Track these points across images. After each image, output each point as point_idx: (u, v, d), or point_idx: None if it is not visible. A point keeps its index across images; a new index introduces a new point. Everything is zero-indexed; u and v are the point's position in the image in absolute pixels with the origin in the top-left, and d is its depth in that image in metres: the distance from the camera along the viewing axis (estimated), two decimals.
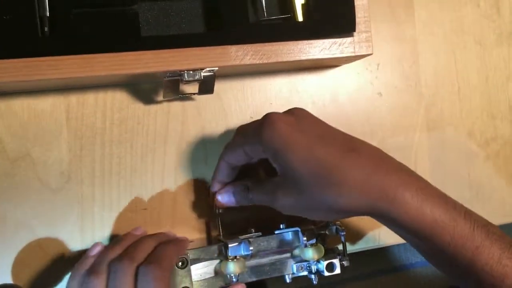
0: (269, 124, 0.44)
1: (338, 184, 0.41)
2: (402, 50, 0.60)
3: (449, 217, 0.42)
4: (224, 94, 0.54)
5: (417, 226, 0.42)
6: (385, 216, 0.42)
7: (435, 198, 0.42)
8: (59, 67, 0.42)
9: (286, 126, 0.44)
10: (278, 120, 0.44)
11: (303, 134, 0.44)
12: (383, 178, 0.42)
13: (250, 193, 0.48)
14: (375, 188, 0.41)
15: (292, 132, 0.43)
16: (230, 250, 0.49)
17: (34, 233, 0.49)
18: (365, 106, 0.59)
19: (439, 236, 0.42)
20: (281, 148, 0.43)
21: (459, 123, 0.62)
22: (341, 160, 0.42)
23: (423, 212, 0.41)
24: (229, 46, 0.46)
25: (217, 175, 0.50)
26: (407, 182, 0.42)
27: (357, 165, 0.42)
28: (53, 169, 0.49)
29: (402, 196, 0.41)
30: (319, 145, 0.43)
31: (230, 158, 0.48)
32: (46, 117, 0.49)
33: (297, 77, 0.56)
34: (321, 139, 0.44)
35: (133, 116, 0.51)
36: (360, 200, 0.42)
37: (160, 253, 0.44)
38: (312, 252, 0.51)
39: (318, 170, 0.42)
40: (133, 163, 0.51)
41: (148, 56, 0.44)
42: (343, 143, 0.44)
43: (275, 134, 0.43)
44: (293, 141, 0.43)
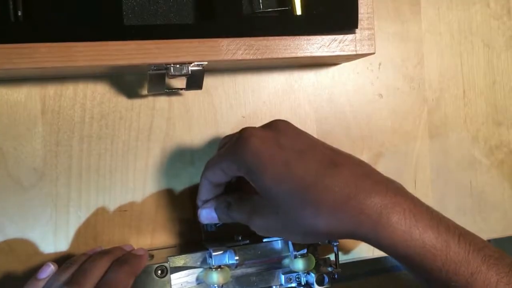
0: (243, 140, 0.40)
1: (316, 204, 0.38)
2: (406, 50, 0.56)
3: (441, 241, 0.38)
4: (214, 90, 0.50)
5: (404, 252, 0.38)
6: (369, 240, 0.38)
7: (425, 220, 0.38)
8: (33, 55, 0.39)
9: (261, 142, 0.40)
10: (252, 136, 0.40)
11: (280, 150, 0.40)
12: (365, 198, 0.38)
13: (229, 211, 0.44)
14: (356, 209, 0.37)
15: (268, 148, 0.40)
16: (214, 258, 0.45)
17: (4, 233, 0.46)
18: (365, 108, 0.55)
19: (429, 262, 0.38)
20: (255, 165, 0.39)
21: (462, 129, 0.58)
22: (320, 177, 0.38)
23: (411, 236, 0.37)
24: (220, 39, 0.42)
25: (200, 194, 0.46)
26: (393, 203, 0.38)
27: (338, 183, 0.38)
28: (26, 165, 0.46)
29: (387, 219, 0.37)
30: (297, 161, 0.39)
31: (210, 176, 0.44)
32: (19, 108, 0.46)
33: (293, 74, 0.53)
34: (300, 155, 0.40)
35: (114, 110, 0.48)
36: (339, 222, 0.38)
37: (111, 279, 0.40)
38: (302, 263, 0.48)
39: (294, 189, 0.38)
40: (113, 161, 0.48)
41: (132, 46, 0.41)
42: (324, 158, 0.40)
43: (249, 151, 0.40)
44: (267, 158, 0.39)
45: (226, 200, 0.45)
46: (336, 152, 0.41)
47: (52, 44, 0.39)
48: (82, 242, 0.47)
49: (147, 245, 0.49)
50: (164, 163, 0.49)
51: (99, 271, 0.41)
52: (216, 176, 0.43)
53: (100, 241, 0.48)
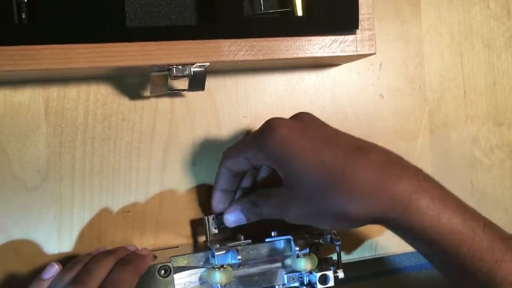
0: (271, 130, 0.41)
1: (347, 191, 0.39)
2: (407, 51, 0.57)
3: (468, 228, 0.39)
4: (216, 91, 0.51)
5: (432, 237, 0.39)
6: (398, 225, 0.39)
7: (453, 206, 0.39)
8: (36, 57, 0.39)
9: (290, 132, 0.41)
10: (280, 126, 0.41)
11: (308, 140, 0.41)
12: (395, 184, 0.39)
13: (258, 209, 0.45)
14: (386, 195, 0.38)
15: (297, 138, 0.41)
16: (217, 258, 0.46)
17: (8, 234, 0.46)
18: (366, 108, 0.55)
19: (456, 247, 0.39)
20: (285, 155, 0.40)
21: (463, 129, 0.59)
22: (349, 165, 0.39)
23: (440, 221, 0.38)
24: (222, 40, 0.43)
25: (218, 183, 0.47)
26: (422, 189, 0.39)
27: (367, 170, 0.39)
28: (30, 166, 0.46)
29: (416, 204, 0.38)
30: (326, 150, 0.40)
31: (231, 164, 0.45)
32: (23, 110, 0.46)
33: (294, 75, 0.53)
34: (328, 144, 0.41)
35: (117, 112, 0.48)
36: (370, 207, 0.39)
37: (116, 279, 0.41)
38: (304, 262, 0.48)
39: (325, 177, 0.39)
40: (116, 162, 0.48)
41: (134, 48, 0.41)
42: (351, 146, 0.41)
43: (278, 141, 0.41)
44: (297, 148, 0.40)
45: (251, 200, 0.46)
46: (361, 140, 0.43)
47: (55, 46, 0.39)
48: (85, 242, 0.48)
49: (150, 245, 0.49)
50: (166, 164, 0.49)
51: (103, 271, 0.41)
52: (238, 164, 0.44)
53: (103, 241, 0.48)
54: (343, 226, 0.42)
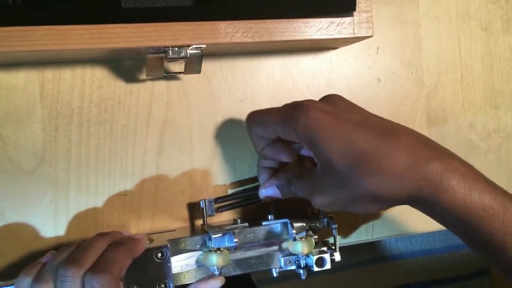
0: (304, 111, 0.42)
1: (379, 172, 0.39)
2: (404, 34, 0.56)
3: (499, 203, 0.40)
4: (213, 74, 0.50)
5: (465, 213, 0.39)
6: (430, 204, 0.40)
7: (482, 183, 0.40)
8: (30, 38, 0.39)
9: (323, 114, 0.42)
10: (313, 108, 0.42)
11: (340, 122, 0.41)
12: (426, 164, 0.39)
13: (292, 186, 0.46)
14: (418, 175, 0.39)
15: (329, 120, 0.41)
16: (213, 241, 0.46)
17: (4, 217, 0.46)
18: (363, 92, 0.55)
19: (488, 223, 0.39)
20: (318, 137, 0.41)
21: (460, 113, 0.59)
22: (381, 146, 0.40)
23: (471, 199, 0.39)
24: (219, 22, 0.42)
25: (255, 147, 0.47)
26: (452, 168, 0.40)
27: (398, 151, 0.40)
28: (25, 149, 0.46)
29: (447, 182, 0.39)
30: (357, 132, 0.41)
31: (258, 131, 0.46)
32: (18, 93, 0.46)
33: (291, 58, 0.53)
34: (359, 126, 0.41)
35: (113, 95, 0.48)
36: (402, 188, 0.39)
37: (109, 258, 0.41)
38: (301, 245, 0.48)
39: (358, 158, 0.40)
40: (113, 145, 0.48)
41: (130, 29, 0.40)
42: (382, 128, 0.42)
43: (311, 122, 0.41)
44: (329, 130, 0.41)
45: (286, 178, 0.47)
46: (390, 122, 0.44)
47: (50, 27, 0.39)
48: (82, 226, 0.47)
49: (147, 229, 0.49)
50: (163, 147, 0.49)
51: (97, 251, 0.41)
52: (265, 133, 0.45)
53: (100, 225, 0.48)
54: (375, 208, 0.42)
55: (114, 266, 0.40)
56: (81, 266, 0.40)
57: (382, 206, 0.42)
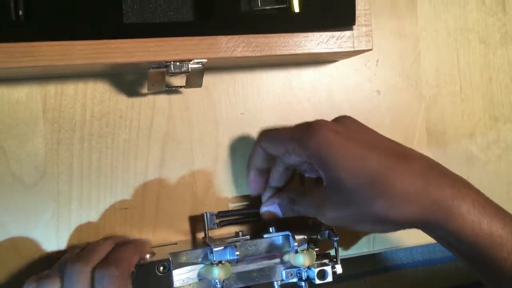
0: (316, 131, 0.42)
1: (388, 196, 0.40)
2: (403, 47, 0.57)
3: (507, 232, 0.40)
4: (214, 88, 0.51)
5: (473, 240, 0.40)
6: (439, 229, 0.40)
7: (492, 211, 0.40)
8: (34, 54, 0.39)
9: (334, 133, 0.42)
10: (326, 127, 0.42)
11: (352, 144, 0.42)
12: (436, 189, 0.40)
13: (295, 205, 0.47)
14: (428, 199, 0.40)
15: (341, 141, 0.42)
16: (215, 254, 0.46)
17: (7, 231, 0.46)
18: (363, 104, 0.56)
19: (495, 251, 0.40)
20: (329, 157, 0.41)
21: (460, 125, 0.59)
22: (393, 169, 0.40)
23: (480, 226, 0.39)
24: (220, 37, 0.43)
25: (253, 161, 0.49)
26: (463, 194, 0.40)
27: (410, 175, 0.40)
28: (27, 163, 0.46)
29: (457, 208, 0.39)
30: (369, 155, 0.41)
31: (267, 147, 0.46)
32: (21, 108, 0.46)
33: (291, 72, 0.53)
34: (372, 147, 0.42)
35: (115, 109, 0.48)
36: (412, 212, 0.40)
37: (118, 254, 0.42)
38: (303, 258, 0.48)
39: (369, 179, 0.40)
40: (114, 159, 0.48)
41: (131, 44, 0.41)
42: (394, 151, 0.42)
43: (323, 143, 0.42)
44: (341, 150, 0.41)
45: (289, 196, 0.48)
46: (402, 146, 0.44)
47: (53, 42, 0.39)
48: (84, 239, 0.48)
49: None
50: (164, 161, 0.49)
51: (104, 251, 0.42)
52: (275, 149, 0.46)
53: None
54: (382, 229, 0.43)
55: (123, 262, 0.41)
56: (90, 262, 0.40)
57: (390, 228, 0.42)
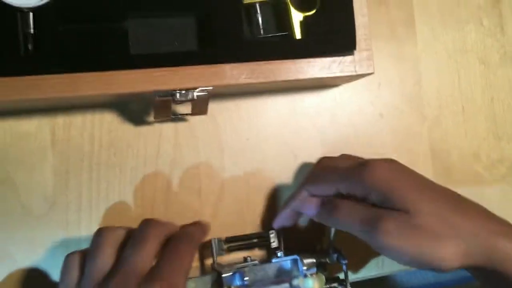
0: (375, 166, 0.44)
1: (447, 239, 0.41)
2: (404, 69, 0.58)
3: None
4: (219, 115, 0.52)
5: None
6: (493, 273, 0.41)
7: None
8: (42, 87, 0.40)
9: (390, 171, 0.44)
10: (379, 165, 0.44)
11: (408, 179, 0.44)
12: (497, 236, 0.41)
13: (340, 211, 0.44)
14: (490, 244, 0.41)
15: (397, 177, 0.44)
16: (224, 280, 0.46)
17: (15, 262, 0.46)
18: (366, 127, 0.56)
19: None
20: (393, 187, 0.43)
21: (464, 145, 0.59)
22: (451, 216, 0.42)
23: None
24: (224, 65, 0.44)
25: (292, 203, 0.48)
26: (506, 232, 0.42)
27: (467, 223, 0.42)
28: (37, 194, 0.46)
29: (505, 247, 0.41)
30: (430, 194, 0.43)
31: (314, 190, 0.47)
32: (30, 139, 0.47)
33: (295, 97, 0.54)
34: (427, 189, 0.44)
35: (122, 138, 0.49)
36: (468, 255, 0.41)
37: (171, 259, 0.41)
38: (312, 282, 0.48)
39: (441, 216, 0.42)
40: (122, 188, 0.49)
41: (138, 75, 0.42)
42: (449, 197, 0.44)
43: (384, 175, 0.43)
44: (404, 181, 0.44)
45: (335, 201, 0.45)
46: (454, 192, 0.46)
47: (61, 75, 0.40)
48: None
49: None
50: (171, 189, 0.50)
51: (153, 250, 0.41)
52: (323, 191, 0.46)
53: None
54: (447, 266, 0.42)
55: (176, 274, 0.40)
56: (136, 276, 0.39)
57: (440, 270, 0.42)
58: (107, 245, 0.41)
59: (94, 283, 0.39)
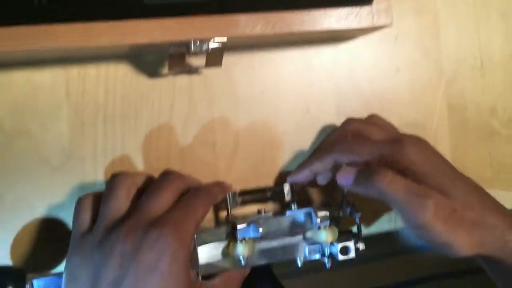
0: (412, 144, 0.44)
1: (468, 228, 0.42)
2: (422, 23, 0.56)
3: None
4: (233, 67, 0.51)
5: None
6: (504, 259, 0.42)
7: None
8: (56, 36, 0.40)
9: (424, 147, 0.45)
10: (418, 143, 0.45)
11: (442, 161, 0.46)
12: (506, 224, 0.42)
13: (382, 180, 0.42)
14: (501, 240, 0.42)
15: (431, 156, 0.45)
16: (238, 231, 0.46)
17: (34, 212, 0.47)
18: (382, 81, 0.55)
19: None
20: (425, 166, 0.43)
21: (480, 100, 0.58)
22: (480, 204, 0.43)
23: None
24: (239, 15, 0.43)
25: (314, 166, 0.48)
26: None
27: (490, 215, 0.43)
28: (53, 145, 0.47)
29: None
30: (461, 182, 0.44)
31: (345, 160, 0.45)
32: (45, 91, 0.47)
33: (311, 50, 0.53)
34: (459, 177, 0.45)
35: (136, 90, 0.49)
36: (485, 248, 0.42)
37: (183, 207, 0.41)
38: (325, 234, 0.48)
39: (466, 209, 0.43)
40: (137, 140, 0.49)
41: (152, 24, 0.41)
42: (476, 188, 0.45)
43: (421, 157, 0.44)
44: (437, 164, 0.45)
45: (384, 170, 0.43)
46: (476, 183, 0.46)
47: (74, 24, 0.40)
48: None
49: None
50: (186, 141, 0.50)
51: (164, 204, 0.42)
52: (354, 161, 0.45)
53: None
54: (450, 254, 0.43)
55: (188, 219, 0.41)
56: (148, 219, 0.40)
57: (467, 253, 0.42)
58: (122, 188, 0.41)
59: (107, 224, 0.40)
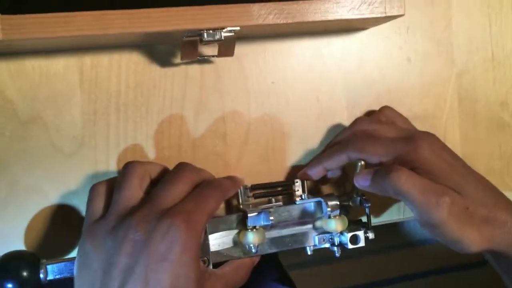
0: (424, 142, 0.45)
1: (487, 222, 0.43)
2: (434, 13, 0.56)
3: None
4: (245, 57, 0.51)
5: None
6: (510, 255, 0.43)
7: None
8: (69, 24, 0.40)
9: (435, 146, 0.46)
10: (430, 140, 0.46)
11: (453, 160, 0.46)
12: None
13: (399, 179, 0.43)
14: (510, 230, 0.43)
15: (441, 155, 0.46)
16: (249, 219, 0.47)
17: (47, 198, 0.47)
18: (393, 72, 0.55)
19: None
20: (437, 166, 0.44)
21: (491, 92, 0.58)
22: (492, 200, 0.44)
23: None
24: (252, 4, 0.43)
25: (327, 162, 0.49)
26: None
27: (499, 211, 0.43)
28: (66, 133, 0.47)
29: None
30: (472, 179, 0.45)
31: (358, 157, 0.47)
32: (58, 79, 0.47)
33: (321, 40, 0.53)
34: (471, 175, 0.46)
35: (149, 79, 0.49)
36: (494, 242, 0.43)
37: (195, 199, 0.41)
38: (335, 223, 0.48)
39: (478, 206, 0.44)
40: (149, 128, 0.49)
41: (165, 13, 0.41)
42: (488, 184, 0.46)
43: (434, 155, 0.45)
44: (448, 162, 0.45)
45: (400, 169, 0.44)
46: (486, 179, 0.47)
47: (87, 12, 0.40)
48: None
49: None
50: (197, 131, 0.50)
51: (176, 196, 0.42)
52: (367, 159, 0.47)
53: None
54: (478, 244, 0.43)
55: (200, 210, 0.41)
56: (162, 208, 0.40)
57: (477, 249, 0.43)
58: (135, 177, 0.42)
59: (120, 212, 0.40)
